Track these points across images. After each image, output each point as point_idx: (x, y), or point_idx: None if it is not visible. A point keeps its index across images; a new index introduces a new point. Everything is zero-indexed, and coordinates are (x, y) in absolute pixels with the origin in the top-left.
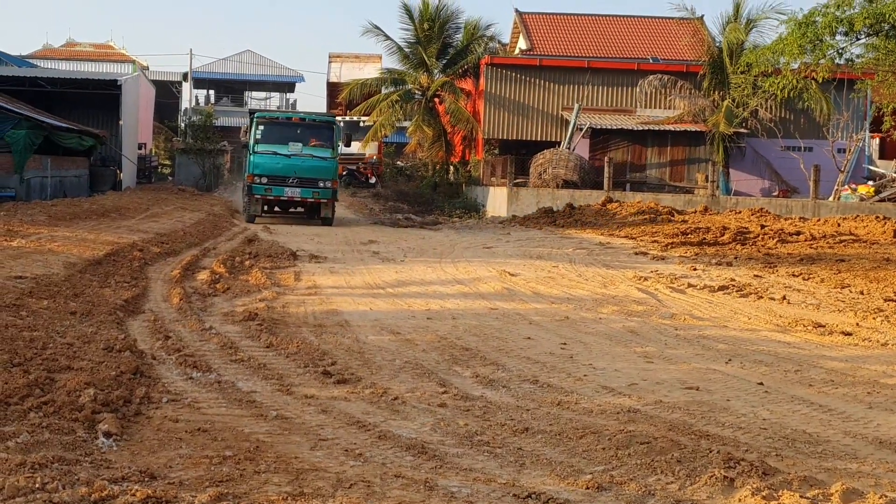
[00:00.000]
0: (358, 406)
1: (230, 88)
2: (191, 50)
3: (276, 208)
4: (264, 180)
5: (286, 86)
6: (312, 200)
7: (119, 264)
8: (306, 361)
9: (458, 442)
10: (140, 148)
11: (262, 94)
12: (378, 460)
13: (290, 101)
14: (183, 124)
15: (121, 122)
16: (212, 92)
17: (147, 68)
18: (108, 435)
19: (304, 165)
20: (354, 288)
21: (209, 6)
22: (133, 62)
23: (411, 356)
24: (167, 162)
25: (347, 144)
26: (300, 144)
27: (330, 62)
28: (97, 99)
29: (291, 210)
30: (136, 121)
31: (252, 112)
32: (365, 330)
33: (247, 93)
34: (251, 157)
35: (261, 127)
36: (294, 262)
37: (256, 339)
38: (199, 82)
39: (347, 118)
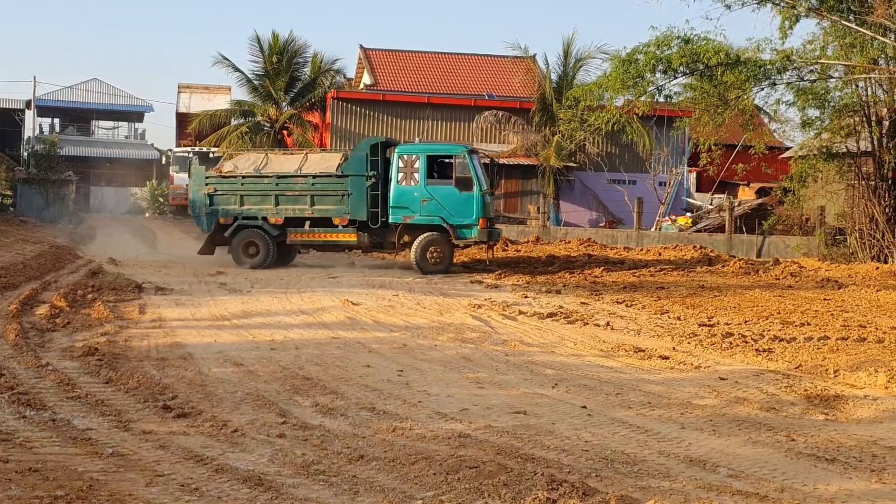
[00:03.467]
0: (197, 440)
1: (76, 117)
2: (34, 77)
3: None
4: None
5: (135, 115)
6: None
7: None
8: (146, 396)
9: (295, 472)
10: None
11: (110, 124)
12: (214, 494)
13: (140, 132)
14: (26, 153)
15: None
16: (57, 121)
17: None
18: None
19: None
20: (200, 320)
21: (54, 32)
22: None
23: (253, 387)
24: (8, 192)
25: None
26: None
27: (179, 92)
28: None
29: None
30: None
31: (378, 145)
32: (208, 362)
33: (94, 122)
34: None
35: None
36: (139, 294)
37: (95, 374)
38: (44, 110)
39: (197, 149)
